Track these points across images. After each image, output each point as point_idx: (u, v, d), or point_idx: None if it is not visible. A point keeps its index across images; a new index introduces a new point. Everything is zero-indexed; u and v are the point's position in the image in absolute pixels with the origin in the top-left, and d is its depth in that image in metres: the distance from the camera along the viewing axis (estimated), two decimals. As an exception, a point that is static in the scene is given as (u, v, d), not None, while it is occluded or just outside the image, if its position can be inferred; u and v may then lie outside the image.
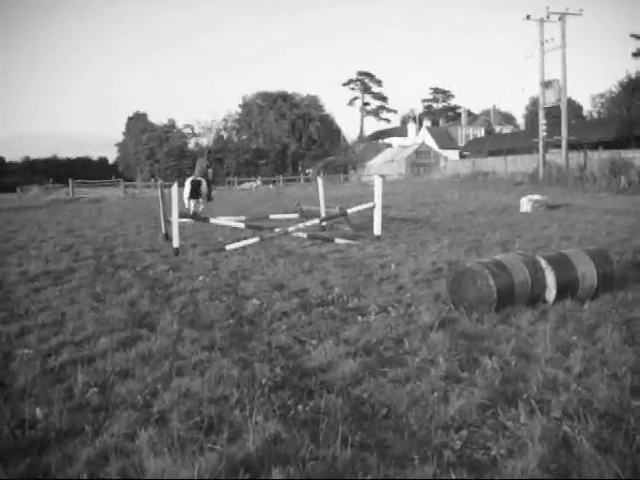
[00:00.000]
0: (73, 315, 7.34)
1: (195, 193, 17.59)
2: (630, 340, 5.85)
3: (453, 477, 3.43)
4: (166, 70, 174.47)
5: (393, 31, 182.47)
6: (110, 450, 3.84)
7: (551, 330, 6.11)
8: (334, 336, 6.23)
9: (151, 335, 6.34)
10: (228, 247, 12.61)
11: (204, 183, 17.89)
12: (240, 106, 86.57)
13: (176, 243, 12.45)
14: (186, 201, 17.49)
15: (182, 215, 13.39)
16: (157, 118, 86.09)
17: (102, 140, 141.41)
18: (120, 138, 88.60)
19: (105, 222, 21.43)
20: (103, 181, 56.70)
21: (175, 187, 12.53)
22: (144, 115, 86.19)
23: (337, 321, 6.87)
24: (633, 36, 67.50)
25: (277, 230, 13.78)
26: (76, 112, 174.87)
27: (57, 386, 4.96)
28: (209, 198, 18.39)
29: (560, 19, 39.11)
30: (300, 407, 4.42)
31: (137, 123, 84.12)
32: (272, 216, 16.58)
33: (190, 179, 17.84)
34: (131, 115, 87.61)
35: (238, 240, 13.32)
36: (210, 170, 19.53)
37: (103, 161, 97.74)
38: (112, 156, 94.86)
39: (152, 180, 63.52)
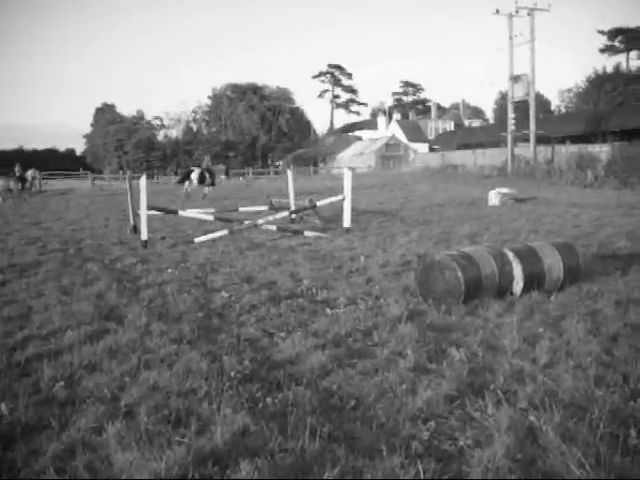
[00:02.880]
0: (39, 308, 7.24)
1: (186, 178, 26.39)
2: (595, 331, 5.94)
3: (420, 467, 3.46)
4: (135, 61, 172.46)
5: (364, 24, 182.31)
6: (77, 444, 3.80)
7: (518, 322, 6.19)
8: (303, 328, 6.25)
9: (119, 328, 6.28)
10: (197, 240, 12.54)
11: (196, 172, 26.06)
12: (209, 98, 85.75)
13: (144, 235, 12.34)
14: (186, 183, 26.37)
15: (151, 207, 13.25)
16: (126, 109, 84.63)
17: (70, 132, 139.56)
18: (88, 130, 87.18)
19: (72, 214, 21.14)
20: (70, 173, 55.76)
21: (144, 179, 12.39)
22: (112, 106, 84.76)
23: (306, 313, 6.88)
24: (600, 32, 68.53)
25: (246, 222, 13.75)
26: (43, 104, 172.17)
27: (23, 380, 4.89)
28: (212, 184, 26.86)
29: (529, 14, 39.53)
30: (269, 399, 4.42)
31: (105, 114, 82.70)
32: (241, 209, 16.52)
33: (189, 169, 27.32)
34: (99, 106, 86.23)
35: (207, 233, 13.24)
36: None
37: (71, 153, 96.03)
38: (80, 148, 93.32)
39: (120, 172, 62.75)
